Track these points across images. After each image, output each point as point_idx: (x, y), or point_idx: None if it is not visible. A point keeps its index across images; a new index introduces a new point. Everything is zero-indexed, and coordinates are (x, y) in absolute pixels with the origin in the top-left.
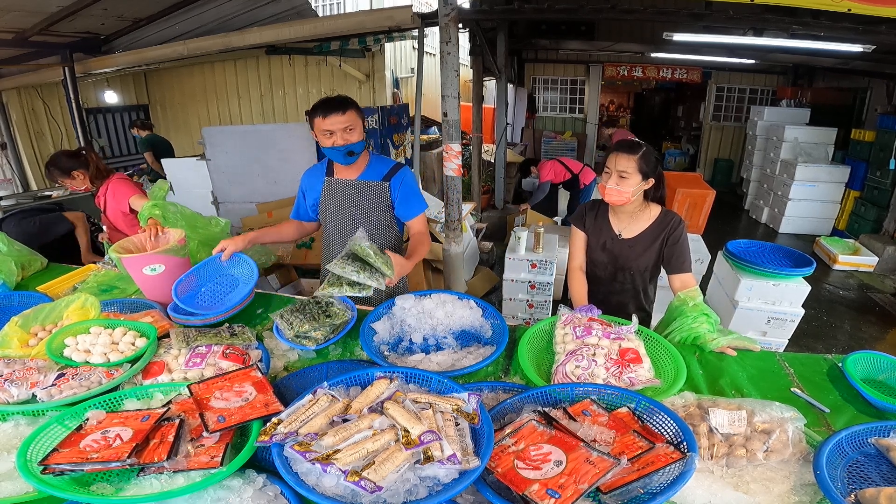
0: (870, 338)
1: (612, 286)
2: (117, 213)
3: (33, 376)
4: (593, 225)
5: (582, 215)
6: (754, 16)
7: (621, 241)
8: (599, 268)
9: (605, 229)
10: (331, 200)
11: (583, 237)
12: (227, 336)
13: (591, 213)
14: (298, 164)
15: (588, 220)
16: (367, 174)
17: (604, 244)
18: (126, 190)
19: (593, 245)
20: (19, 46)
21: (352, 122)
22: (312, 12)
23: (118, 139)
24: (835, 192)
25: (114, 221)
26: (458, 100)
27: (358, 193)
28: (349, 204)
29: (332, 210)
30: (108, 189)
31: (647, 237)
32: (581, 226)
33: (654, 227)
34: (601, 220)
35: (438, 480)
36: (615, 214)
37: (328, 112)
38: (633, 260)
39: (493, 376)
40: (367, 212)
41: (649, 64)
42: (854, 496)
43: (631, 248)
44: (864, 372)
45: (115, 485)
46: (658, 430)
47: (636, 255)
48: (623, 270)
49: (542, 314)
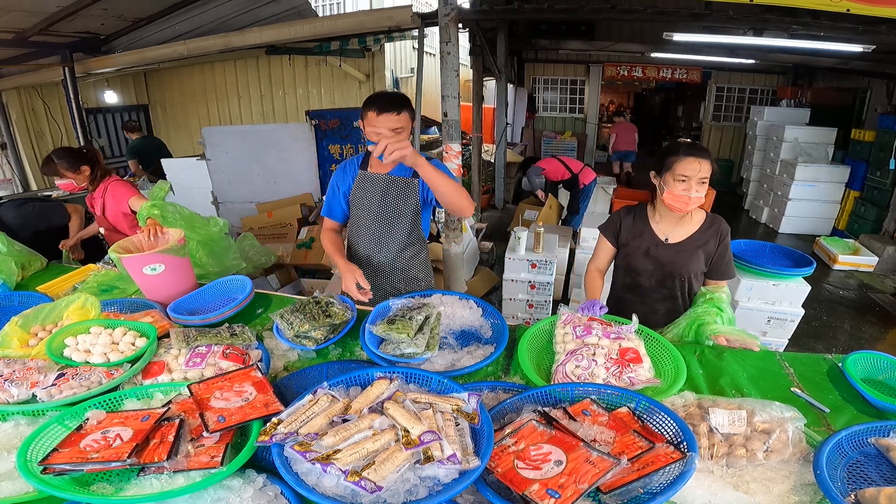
0: (870, 338)
1: (659, 293)
2: (118, 215)
3: (33, 376)
4: (631, 232)
5: (615, 223)
6: (754, 16)
7: (668, 247)
8: (644, 276)
9: (647, 235)
10: (361, 193)
11: (610, 248)
12: (227, 336)
13: (628, 220)
14: (298, 164)
15: (624, 227)
16: (398, 169)
17: (647, 251)
18: (125, 191)
19: (633, 253)
20: (19, 46)
21: (403, 123)
22: (312, 12)
23: (118, 139)
24: (835, 192)
25: (114, 223)
26: (458, 100)
27: (387, 188)
28: (378, 198)
29: (361, 203)
30: (108, 191)
31: (694, 241)
32: (613, 235)
33: (703, 231)
34: (641, 226)
35: (438, 480)
36: (660, 219)
37: (382, 110)
38: (682, 265)
39: (493, 376)
40: (394, 207)
41: (649, 64)
42: (854, 496)
43: (678, 252)
44: (864, 372)
45: (115, 485)
46: (658, 429)
47: (684, 260)
48: (672, 277)
49: (542, 314)
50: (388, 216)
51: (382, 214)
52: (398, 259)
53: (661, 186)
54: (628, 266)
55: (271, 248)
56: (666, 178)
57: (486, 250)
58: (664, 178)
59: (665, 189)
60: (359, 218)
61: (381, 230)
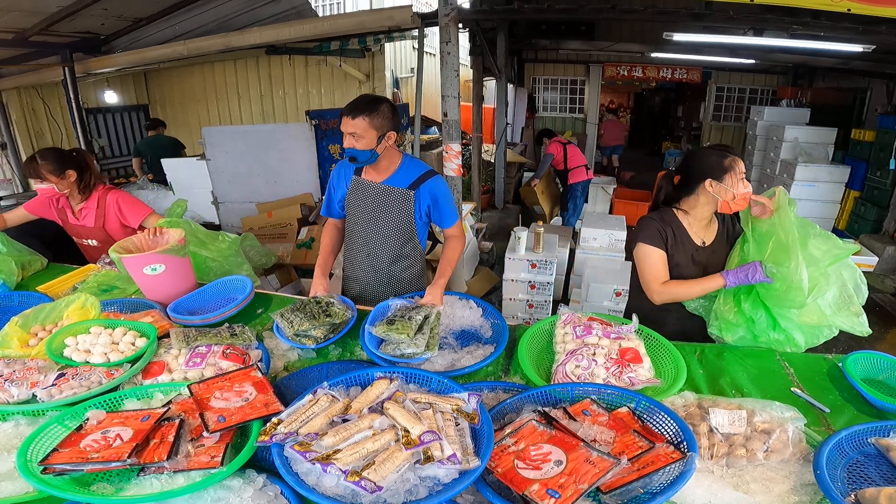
0: (870, 338)
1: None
2: (124, 231)
3: (33, 376)
4: (674, 240)
5: (660, 232)
6: (754, 16)
7: (705, 249)
8: None
9: (688, 241)
10: (355, 201)
11: (664, 255)
12: (227, 336)
13: (668, 229)
14: (298, 164)
15: (668, 236)
16: (393, 179)
17: (692, 257)
18: (139, 210)
19: (681, 261)
20: (19, 46)
21: (360, 129)
22: (312, 12)
23: (118, 139)
24: (835, 192)
25: (115, 236)
26: (458, 100)
27: (380, 198)
28: (371, 208)
29: (355, 211)
30: (110, 203)
31: (721, 237)
32: (661, 244)
33: (722, 227)
34: (680, 233)
35: (438, 480)
36: (695, 223)
37: (344, 112)
38: (720, 264)
39: (493, 376)
40: (388, 218)
41: (649, 64)
42: (854, 496)
43: (714, 252)
44: (864, 372)
45: (115, 485)
46: (658, 429)
47: (719, 258)
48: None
49: (542, 314)
50: (380, 226)
51: (375, 223)
52: (389, 270)
53: (725, 191)
54: (678, 277)
55: (271, 248)
56: (728, 181)
57: (486, 250)
58: (725, 183)
59: (731, 192)
60: (352, 224)
61: (372, 239)
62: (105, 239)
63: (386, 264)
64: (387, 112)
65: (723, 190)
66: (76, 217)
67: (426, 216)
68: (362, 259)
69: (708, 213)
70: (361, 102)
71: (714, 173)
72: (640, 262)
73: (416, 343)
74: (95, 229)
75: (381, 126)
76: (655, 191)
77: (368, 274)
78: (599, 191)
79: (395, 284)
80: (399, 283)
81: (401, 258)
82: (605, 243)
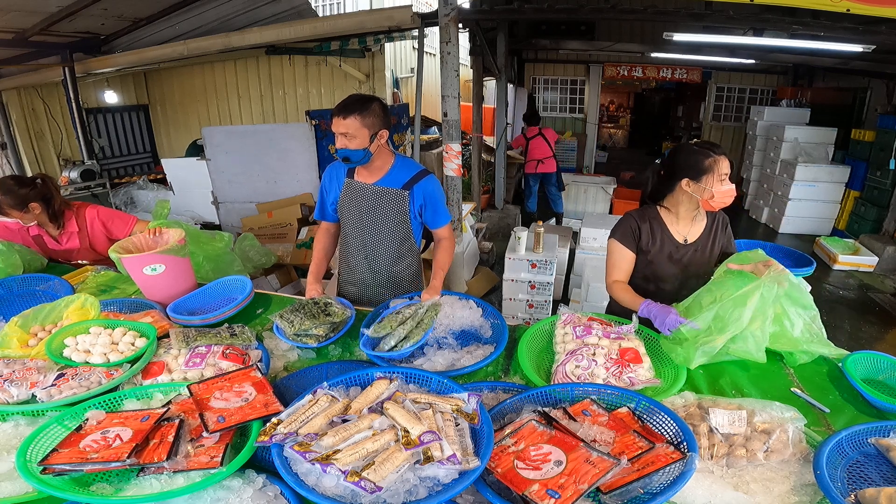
0: (870, 338)
1: (683, 296)
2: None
3: (33, 376)
4: (650, 237)
5: (633, 230)
6: (754, 16)
7: (687, 247)
8: (668, 281)
9: (667, 239)
10: (349, 203)
11: (630, 256)
12: (227, 336)
13: (645, 226)
14: (298, 164)
15: (643, 234)
16: (387, 179)
17: (669, 255)
18: (125, 222)
19: (657, 259)
20: (19, 46)
21: (352, 129)
22: (312, 12)
23: (118, 139)
24: (835, 192)
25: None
26: (458, 100)
27: (375, 199)
28: (366, 209)
29: (349, 214)
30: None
31: (706, 235)
32: (632, 243)
33: (711, 224)
34: (658, 230)
35: (438, 481)
36: (677, 220)
37: (335, 113)
38: (704, 262)
39: (492, 376)
40: (383, 219)
41: (649, 64)
42: (854, 496)
43: (697, 251)
44: (864, 372)
45: (115, 485)
46: (658, 430)
47: (705, 256)
48: (696, 277)
49: (542, 314)
50: (375, 227)
51: (370, 225)
52: (388, 271)
53: (703, 190)
54: (652, 274)
55: (271, 248)
56: (707, 180)
57: (486, 250)
58: (704, 182)
59: (710, 191)
60: (347, 227)
61: (368, 241)
62: (95, 257)
63: (385, 266)
64: (378, 110)
65: (700, 189)
66: (58, 242)
67: (420, 216)
68: (361, 262)
69: (691, 211)
70: (352, 102)
71: (690, 173)
72: (607, 254)
73: (397, 334)
74: (83, 250)
75: (373, 124)
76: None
77: (367, 276)
78: (599, 191)
79: (395, 285)
80: (399, 283)
81: (400, 258)
82: (605, 243)
